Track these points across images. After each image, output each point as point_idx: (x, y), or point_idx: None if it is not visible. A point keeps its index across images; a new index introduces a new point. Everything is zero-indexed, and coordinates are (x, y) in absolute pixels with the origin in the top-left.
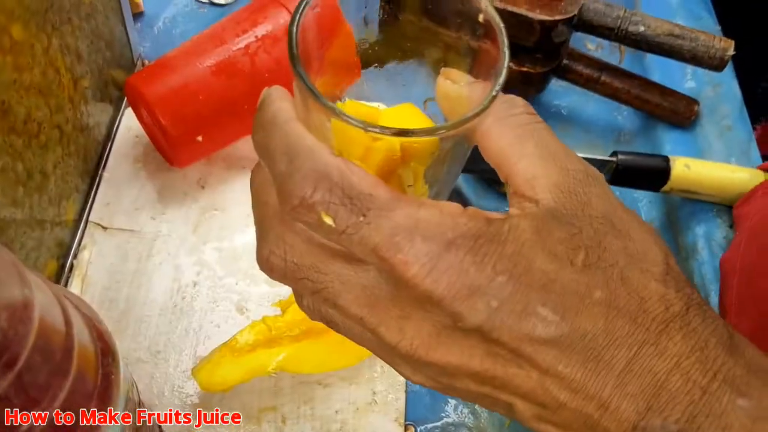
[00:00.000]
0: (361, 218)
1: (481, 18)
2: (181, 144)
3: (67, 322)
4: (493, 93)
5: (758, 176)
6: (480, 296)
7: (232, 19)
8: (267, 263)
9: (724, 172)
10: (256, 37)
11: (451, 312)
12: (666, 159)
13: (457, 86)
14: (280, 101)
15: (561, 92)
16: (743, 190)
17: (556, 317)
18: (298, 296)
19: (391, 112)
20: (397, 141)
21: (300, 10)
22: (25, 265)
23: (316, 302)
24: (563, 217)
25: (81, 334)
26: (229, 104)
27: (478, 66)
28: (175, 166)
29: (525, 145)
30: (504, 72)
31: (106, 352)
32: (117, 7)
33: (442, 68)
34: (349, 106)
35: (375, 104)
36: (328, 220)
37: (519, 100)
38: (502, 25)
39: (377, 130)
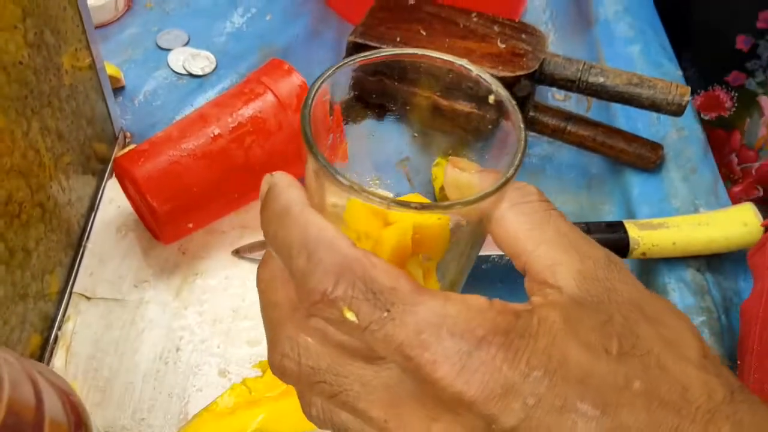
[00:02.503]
0: (385, 314)
1: (491, 99)
2: (172, 228)
3: (38, 397)
4: (515, 166)
5: (729, 222)
6: (515, 395)
7: (223, 104)
8: (280, 367)
9: (683, 236)
10: (249, 130)
11: (485, 414)
12: (625, 235)
13: (466, 174)
14: (289, 189)
15: (531, 142)
16: (707, 243)
17: (596, 412)
18: (307, 405)
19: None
20: (410, 228)
21: (312, 95)
22: (8, 342)
23: (330, 408)
24: (590, 305)
25: (53, 407)
26: (220, 192)
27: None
28: (162, 243)
29: (543, 232)
30: (522, 148)
31: (79, 424)
32: (97, 86)
33: (450, 157)
34: (356, 203)
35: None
36: (351, 316)
37: (533, 188)
38: (514, 103)
39: (400, 206)
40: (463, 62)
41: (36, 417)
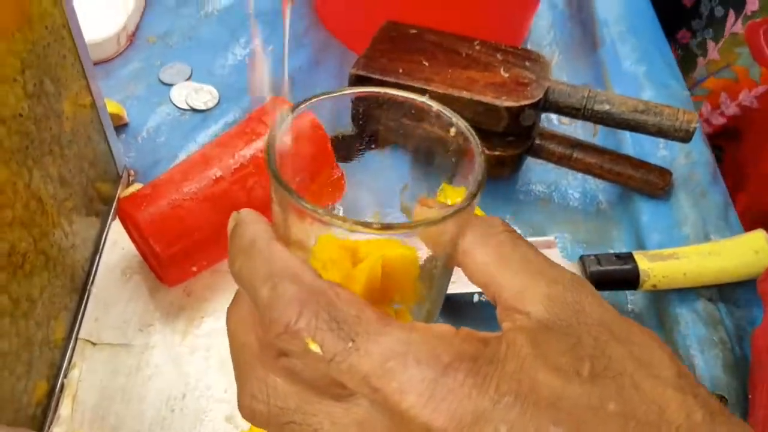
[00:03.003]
0: (350, 344)
1: (452, 131)
2: (175, 272)
3: None
4: (471, 190)
5: (733, 253)
6: (486, 422)
7: (225, 144)
8: (249, 410)
9: (693, 267)
10: (251, 171)
11: None
12: (635, 267)
13: (433, 210)
14: (255, 224)
15: (537, 169)
16: (718, 273)
17: None
18: None
19: (371, 241)
20: (379, 263)
21: (278, 125)
22: (14, 391)
23: None
24: (559, 328)
25: None
26: (223, 235)
27: (458, 166)
28: (166, 285)
29: (509, 261)
30: (482, 174)
31: None
32: (99, 127)
33: (420, 198)
34: (326, 240)
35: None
36: (315, 348)
37: (497, 220)
38: (474, 133)
39: (361, 226)
40: (424, 99)
41: None
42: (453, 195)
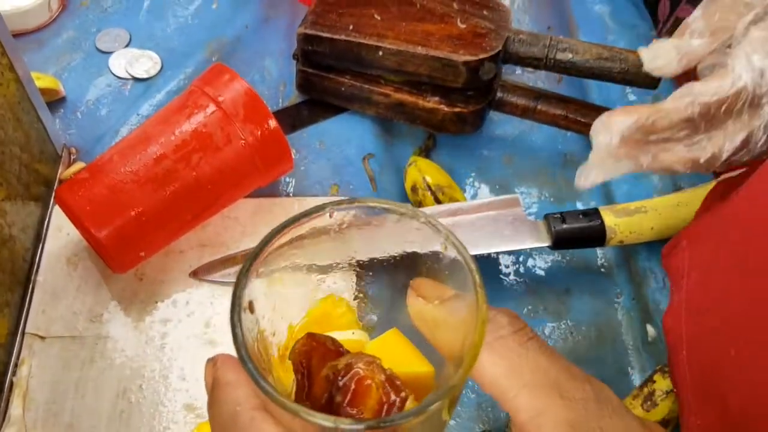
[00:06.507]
0: None
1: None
2: (122, 259)
3: None
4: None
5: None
6: None
7: (166, 120)
8: None
9: (661, 220)
10: (195, 147)
11: None
12: (601, 223)
13: (430, 307)
14: (234, 390)
15: (501, 120)
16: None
17: None
18: None
19: (376, 344)
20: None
21: (236, 312)
22: None
23: None
24: None
25: None
26: (171, 216)
27: None
28: (115, 272)
29: (520, 375)
30: (481, 330)
31: None
32: (29, 107)
33: (411, 281)
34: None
35: (350, 332)
36: None
37: (503, 318)
38: (473, 265)
39: (347, 427)
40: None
41: None
42: (426, 169)
